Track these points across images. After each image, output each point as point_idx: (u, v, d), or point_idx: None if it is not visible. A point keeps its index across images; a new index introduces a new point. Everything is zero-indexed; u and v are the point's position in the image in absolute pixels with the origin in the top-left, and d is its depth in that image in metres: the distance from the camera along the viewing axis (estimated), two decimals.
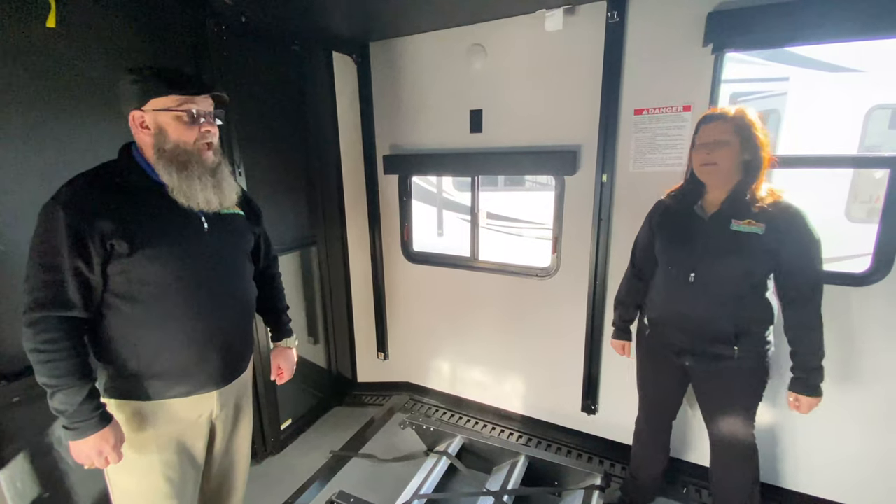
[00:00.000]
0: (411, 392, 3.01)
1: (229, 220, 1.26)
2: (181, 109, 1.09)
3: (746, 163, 1.40)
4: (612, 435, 2.36)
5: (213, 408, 1.27)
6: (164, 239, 1.11)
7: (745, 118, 1.39)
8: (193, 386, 1.20)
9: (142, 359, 1.14)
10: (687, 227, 1.51)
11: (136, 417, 1.17)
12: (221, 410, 1.30)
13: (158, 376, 1.15)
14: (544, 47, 2.12)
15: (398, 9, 2.05)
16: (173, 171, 1.11)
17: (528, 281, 2.46)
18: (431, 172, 2.79)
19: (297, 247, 2.53)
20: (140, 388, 1.15)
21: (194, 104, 1.11)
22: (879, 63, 3.46)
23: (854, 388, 1.82)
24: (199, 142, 1.13)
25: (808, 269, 1.38)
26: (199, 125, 1.13)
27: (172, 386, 1.18)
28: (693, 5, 1.77)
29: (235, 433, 1.41)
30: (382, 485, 2.14)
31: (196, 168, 1.13)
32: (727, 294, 1.44)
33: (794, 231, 1.36)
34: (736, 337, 1.45)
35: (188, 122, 1.11)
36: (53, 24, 1.43)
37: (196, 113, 1.12)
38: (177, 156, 1.11)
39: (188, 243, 1.15)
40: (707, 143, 1.40)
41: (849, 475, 1.90)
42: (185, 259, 1.14)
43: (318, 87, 2.53)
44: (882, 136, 3.50)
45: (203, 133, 1.14)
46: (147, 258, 1.08)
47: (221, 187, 1.19)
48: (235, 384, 1.32)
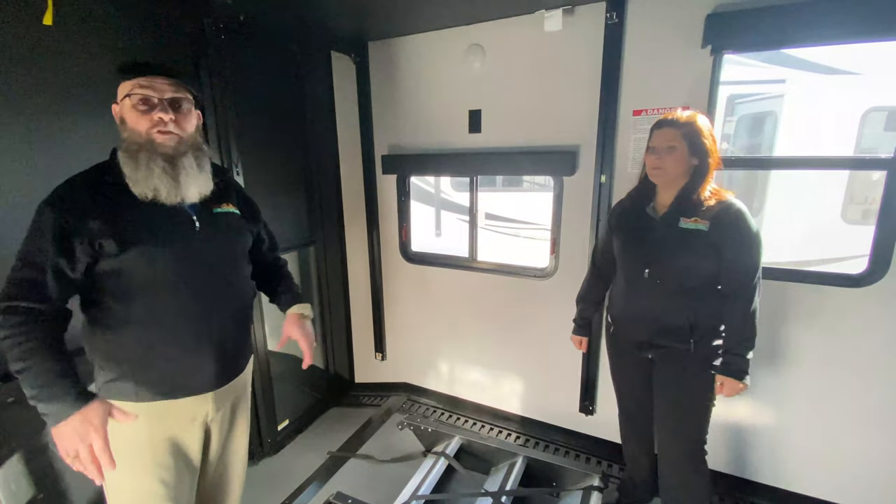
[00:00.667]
0: (409, 393, 3.01)
1: (223, 219, 1.23)
2: (133, 94, 1.06)
3: (694, 167, 1.47)
4: (609, 436, 2.36)
5: (208, 410, 1.24)
6: (154, 239, 1.08)
7: (695, 125, 1.45)
8: (187, 388, 1.18)
9: (134, 360, 1.12)
10: (641, 226, 1.59)
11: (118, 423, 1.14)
12: (217, 413, 1.28)
13: (151, 378, 1.14)
14: (543, 48, 2.12)
15: (397, 8, 2.05)
16: (127, 161, 1.07)
17: (527, 281, 2.46)
18: (430, 173, 2.80)
19: (295, 247, 2.52)
20: (133, 390, 1.13)
21: (149, 89, 1.06)
22: (875, 66, 3.48)
23: (851, 388, 1.83)
24: (151, 130, 1.07)
25: (744, 263, 1.45)
26: (153, 112, 1.07)
27: (165, 388, 1.15)
28: (691, 7, 1.78)
29: (232, 435, 1.39)
30: (380, 485, 2.13)
31: (144, 154, 1.07)
32: (680, 288, 1.52)
33: (734, 228, 1.43)
34: (691, 330, 1.52)
35: (143, 110, 1.07)
36: (50, 21, 1.42)
37: (151, 99, 1.07)
38: (130, 145, 1.07)
39: (179, 243, 1.12)
40: (657, 148, 1.48)
41: (846, 475, 1.91)
42: (176, 259, 1.11)
43: (317, 87, 2.53)
44: (878, 138, 3.51)
45: (155, 121, 1.07)
46: (136, 258, 1.06)
47: (178, 179, 1.10)
48: (231, 386, 1.30)
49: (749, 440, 2.07)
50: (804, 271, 1.86)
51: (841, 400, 1.85)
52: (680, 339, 1.54)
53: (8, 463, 1.40)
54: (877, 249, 1.71)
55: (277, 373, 2.39)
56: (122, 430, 1.13)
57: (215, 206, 1.22)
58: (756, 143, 4.14)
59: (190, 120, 1.15)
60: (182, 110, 1.12)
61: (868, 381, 1.80)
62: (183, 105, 1.12)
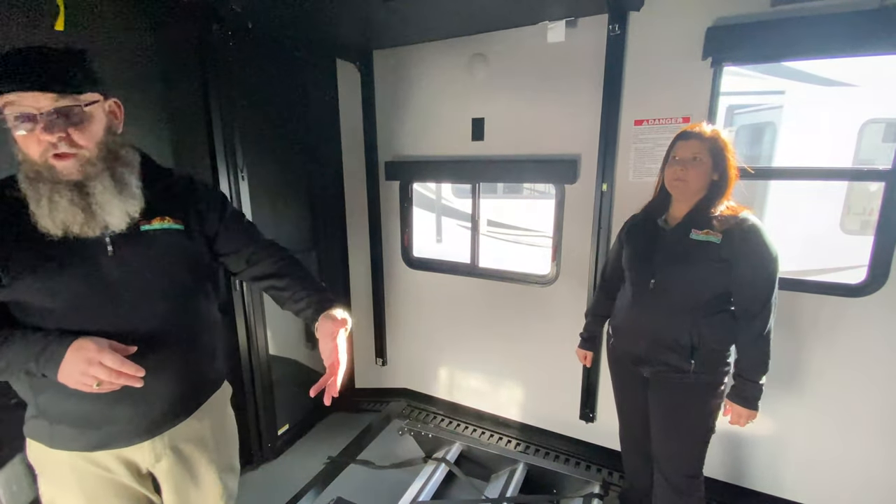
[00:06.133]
0: (409, 398, 3.01)
1: (151, 239, 0.99)
2: (3, 111, 0.83)
3: (714, 182, 1.45)
4: (610, 443, 2.36)
5: (144, 460, 1.07)
6: (48, 266, 0.90)
7: (720, 140, 1.43)
8: (104, 438, 1.00)
9: (41, 399, 0.96)
10: (650, 237, 1.55)
11: (44, 465, 1.03)
12: (159, 461, 1.09)
13: (62, 422, 0.97)
14: (546, 58, 2.15)
15: (402, 18, 2.08)
16: (28, 190, 0.88)
17: (528, 288, 2.47)
18: (433, 179, 2.82)
19: (298, 251, 2.50)
20: (48, 432, 0.99)
21: (13, 106, 0.82)
22: (873, 78, 3.53)
23: (851, 397, 1.84)
24: (46, 153, 0.86)
25: (757, 283, 1.40)
26: (36, 132, 0.84)
27: (78, 436, 0.98)
28: (692, 20, 1.81)
29: (193, 488, 1.17)
30: (380, 491, 2.12)
31: (45, 186, 0.87)
32: (685, 302, 1.47)
33: (747, 244, 1.39)
34: (692, 350, 1.45)
35: (27, 130, 0.84)
36: (62, 27, 1.44)
37: (29, 114, 0.82)
38: (28, 173, 0.88)
39: (83, 271, 0.92)
40: (682, 159, 1.45)
41: (847, 485, 1.91)
42: (79, 290, 0.92)
43: (322, 94, 2.56)
44: (876, 150, 3.55)
45: (44, 143, 0.85)
46: (29, 289, 0.89)
47: (91, 209, 0.90)
48: (175, 433, 1.09)
49: (748, 449, 2.07)
50: (803, 281, 1.87)
51: (841, 409, 1.86)
52: (679, 356, 1.47)
53: (9, 464, 1.40)
54: (876, 259, 1.73)
55: (278, 377, 2.39)
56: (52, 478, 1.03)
57: (144, 223, 0.98)
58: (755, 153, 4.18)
59: (90, 129, 0.89)
60: (74, 120, 0.86)
61: (868, 390, 1.81)
62: (73, 114, 0.86)
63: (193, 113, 1.89)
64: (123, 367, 0.87)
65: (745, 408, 1.44)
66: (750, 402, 1.44)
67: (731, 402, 1.47)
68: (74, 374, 0.86)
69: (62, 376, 0.87)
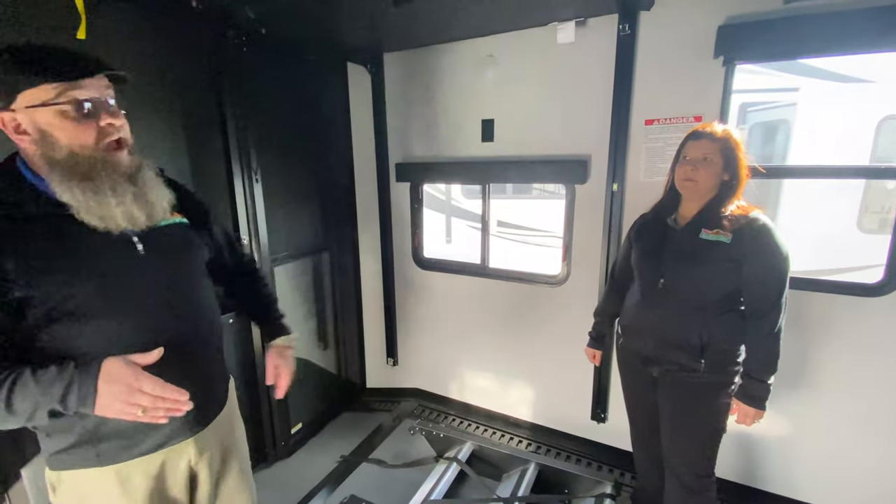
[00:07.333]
0: (420, 398, 3.02)
1: (170, 233, 1.00)
2: (62, 102, 0.81)
3: (725, 182, 1.44)
4: (622, 444, 2.35)
5: (189, 457, 1.06)
6: (83, 275, 0.86)
7: (731, 140, 1.42)
8: (158, 438, 0.98)
9: (87, 419, 0.90)
10: (660, 237, 1.55)
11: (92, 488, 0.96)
12: (201, 456, 1.08)
13: (110, 436, 0.93)
14: (556, 59, 2.15)
15: (412, 21, 2.10)
16: (75, 187, 0.84)
17: (538, 288, 2.47)
18: (443, 180, 2.84)
19: (309, 252, 2.57)
20: (94, 453, 0.93)
21: (82, 91, 0.82)
22: (890, 75, 3.46)
23: (865, 398, 1.81)
24: (102, 141, 0.86)
25: (767, 282, 1.39)
26: (98, 119, 0.84)
27: (130, 445, 0.95)
28: (703, 18, 1.80)
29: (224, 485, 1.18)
30: (392, 490, 2.14)
31: (106, 179, 0.86)
32: (694, 302, 1.46)
33: (757, 243, 1.38)
34: (702, 349, 1.45)
35: (79, 118, 0.82)
36: (84, 35, 1.49)
37: (88, 103, 0.83)
38: (75, 165, 0.84)
39: (119, 275, 0.90)
40: (692, 159, 1.44)
41: (859, 486, 1.88)
42: (119, 296, 0.90)
43: (333, 96, 2.59)
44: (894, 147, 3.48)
45: (105, 129, 0.86)
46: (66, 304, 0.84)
47: (147, 197, 0.92)
48: (216, 425, 1.10)
49: (759, 449, 2.05)
50: (819, 280, 1.84)
51: (855, 409, 1.83)
52: (688, 356, 1.46)
53: (35, 460, 1.43)
54: (893, 258, 1.70)
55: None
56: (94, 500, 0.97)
57: (161, 218, 0.99)
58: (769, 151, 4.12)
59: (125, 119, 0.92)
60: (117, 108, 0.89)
61: (883, 390, 1.78)
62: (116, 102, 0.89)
63: (208, 117, 1.93)
64: (165, 392, 0.83)
65: (753, 407, 1.43)
66: (757, 401, 1.43)
67: (738, 401, 1.46)
68: (115, 406, 0.81)
69: (100, 410, 0.81)
